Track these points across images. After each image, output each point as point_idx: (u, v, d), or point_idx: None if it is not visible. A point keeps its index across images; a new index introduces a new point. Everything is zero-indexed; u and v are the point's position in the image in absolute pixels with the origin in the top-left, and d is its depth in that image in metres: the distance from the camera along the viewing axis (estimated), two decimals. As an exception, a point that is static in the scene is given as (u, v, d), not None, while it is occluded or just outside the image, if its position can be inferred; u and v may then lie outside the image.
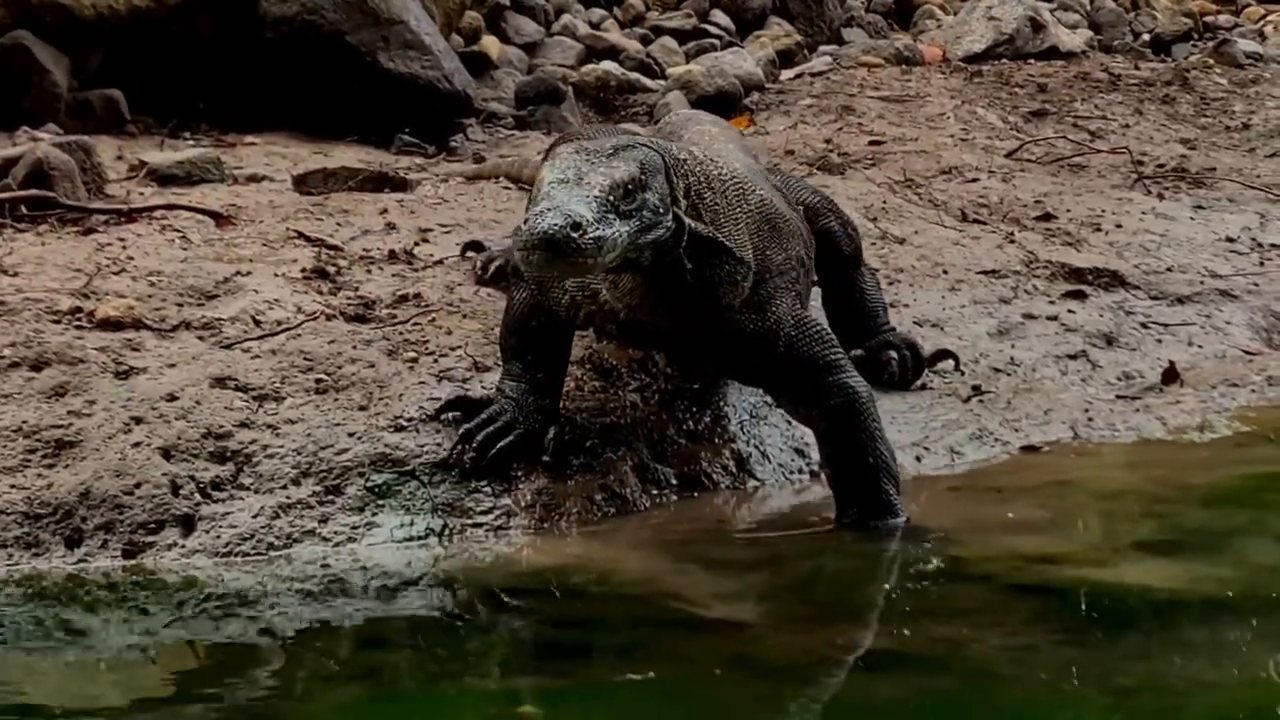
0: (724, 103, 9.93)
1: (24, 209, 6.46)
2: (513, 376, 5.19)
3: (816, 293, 5.90)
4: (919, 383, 6.04)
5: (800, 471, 5.56)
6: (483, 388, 5.33)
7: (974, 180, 8.46)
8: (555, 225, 4.17)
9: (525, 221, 4.27)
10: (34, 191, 6.50)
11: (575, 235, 4.18)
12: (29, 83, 8.19)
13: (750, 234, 4.94)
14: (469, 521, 4.94)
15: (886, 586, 4.75)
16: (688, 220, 4.61)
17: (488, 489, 5.01)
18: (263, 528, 4.78)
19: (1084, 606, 4.48)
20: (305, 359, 5.34)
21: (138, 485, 4.76)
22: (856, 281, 6.03)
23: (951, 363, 6.18)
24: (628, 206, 4.37)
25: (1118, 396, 6.39)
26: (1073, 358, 6.59)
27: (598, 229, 4.24)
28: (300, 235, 6.47)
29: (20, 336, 5.22)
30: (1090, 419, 6.15)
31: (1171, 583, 4.60)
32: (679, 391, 5.55)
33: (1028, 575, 4.65)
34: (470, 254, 6.28)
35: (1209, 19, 14.04)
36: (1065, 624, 4.37)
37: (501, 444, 5.04)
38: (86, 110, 8.42)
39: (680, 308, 4.81)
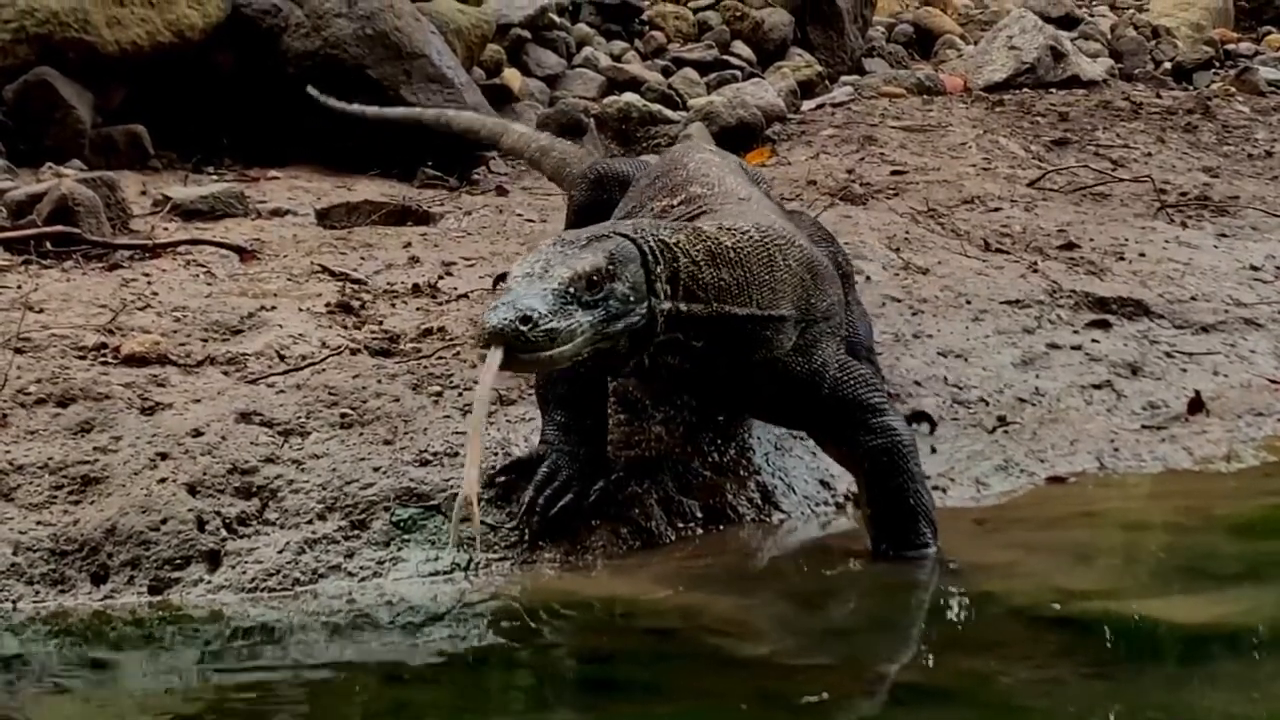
0: (745, 133, 9.94)
1: (49, 245, 6.48)
2: (559, 427, 5.18)
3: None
4: None
5: (825, 504, 5.55)
6: (507, 421, 5.34)
7: (997, 210, 8.44)
8: (505, 319, 4.23)
9: (481, 314, 4.39)
10: (59, 228, 6.52)
11: (525, 329, 4.24)
12: (53, 119, 8.22)
13: (793, 286, 4.98)
14: (495, 556, 4.93)
15: (913, 619, 4.73)
16: (666, 304, 4.63)
17: (514, 523, 5.00)
18: (288, 563, 4.78)
19: (1112, 639, 4.47)
20: (330, 394, 5.34)
21: (163, 521, 4.76)
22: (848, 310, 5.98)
23: (927, 426, 6.04)
24: (592, 297, 4.41)
25: (1143, 426, 6.37)
26: (1097, 387, 6.56)
27: (551, 321, 4.28)
28: (324, 269, 6.49)
29: (46, 373, 5.24)
30: (1116, 449, 6.13)
31: (1200, 615, 4.58)
32: (704, 424, 5.54)
33: (1055, 607, 4.64)
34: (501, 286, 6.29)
35: (1230, 47, 14.04)
36: (1093, 657, 4.35)
37: (562, 503, 5.03)
38: (110, 146, 8.45)
39: (728, 371, 4.91)
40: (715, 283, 4.79)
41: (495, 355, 4.24)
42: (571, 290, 4.36)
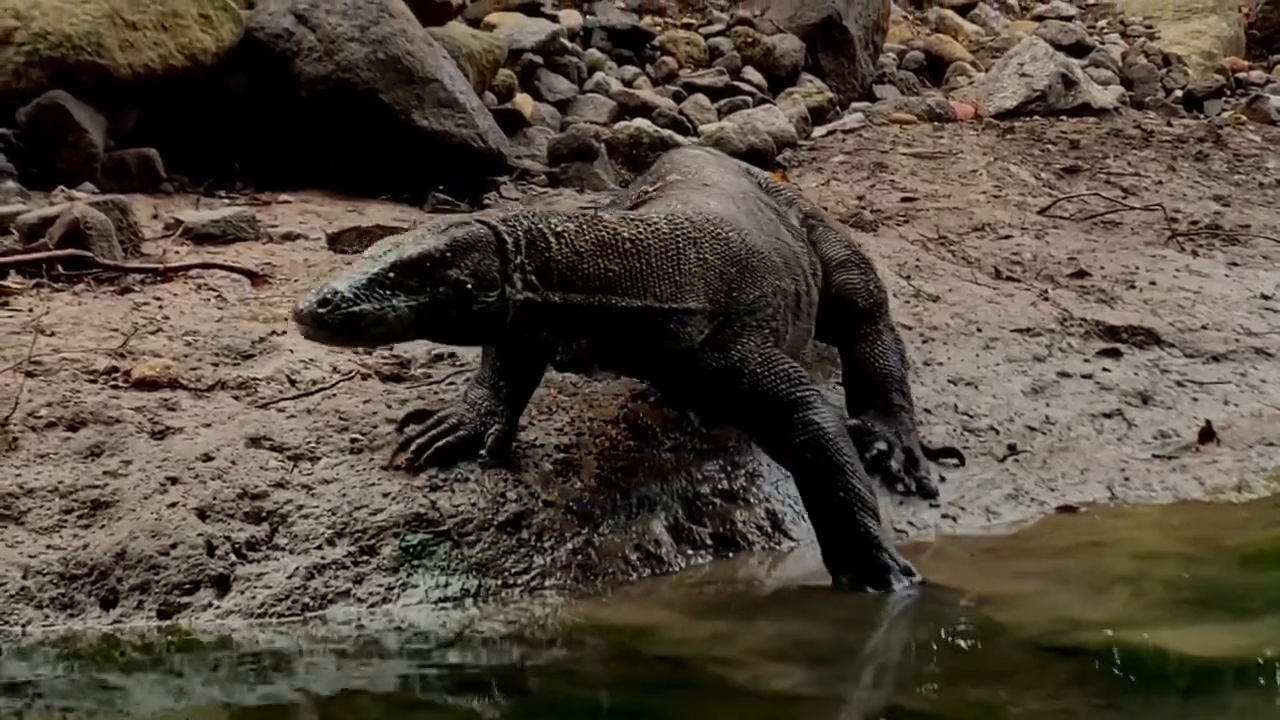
0: (757, 160, 9.91)
1: (61, 268, 6.48)
2: (480, 382, 5.34)
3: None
4: (911, 486, 5.84)
5: (835, 531, 5.54)
6: (517, 446, 5.33)
7: (1007, 237, 8.44)
8: (308, 302, 4.48)
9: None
10: (71, 251, 6.52)
11: (323, 311, 4.47)
12: (65, 142, 8.21)
13: (707, 279, 5.01)
14: (504, 582, 4.93)
15: (923, 649, 4.72)
16: (522, 295, 4.70)
17: (523, 550, 5.00)
18: (298, 588, 4.77)
19: (1122, 669, 4.45)
20: (340, 419, 5.35)
21: (173, 546, 4.77)
22: (869, 337, 5.98)
23: (955, 460, 6.05)
24: (419, 282, 4.55)
25: (1154, 456, 6.36)
26: (1108, 416, 6.56)
27: (353, 306, 4.47)
28: (335, 295, 6.48)
29: (57, 396, 5.24)
30: (1127, 479, 6.13)
31: (1211, 645, 4.57)
32: (714, 451, 5.55)
33: (1065, 637, 4.63)
34: None
35: (1241, 75, 14.04)
36: (1103, 687, 4.34)
37: (440, 443, 5.15)
38: (122, 169, 8.45)
39: (629, 361, 5.07)
40: (601, 273, 4.85)
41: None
42: (393, 275, 4.53)
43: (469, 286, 4.62)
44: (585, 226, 4.87)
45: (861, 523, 5.04)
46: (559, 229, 4.81)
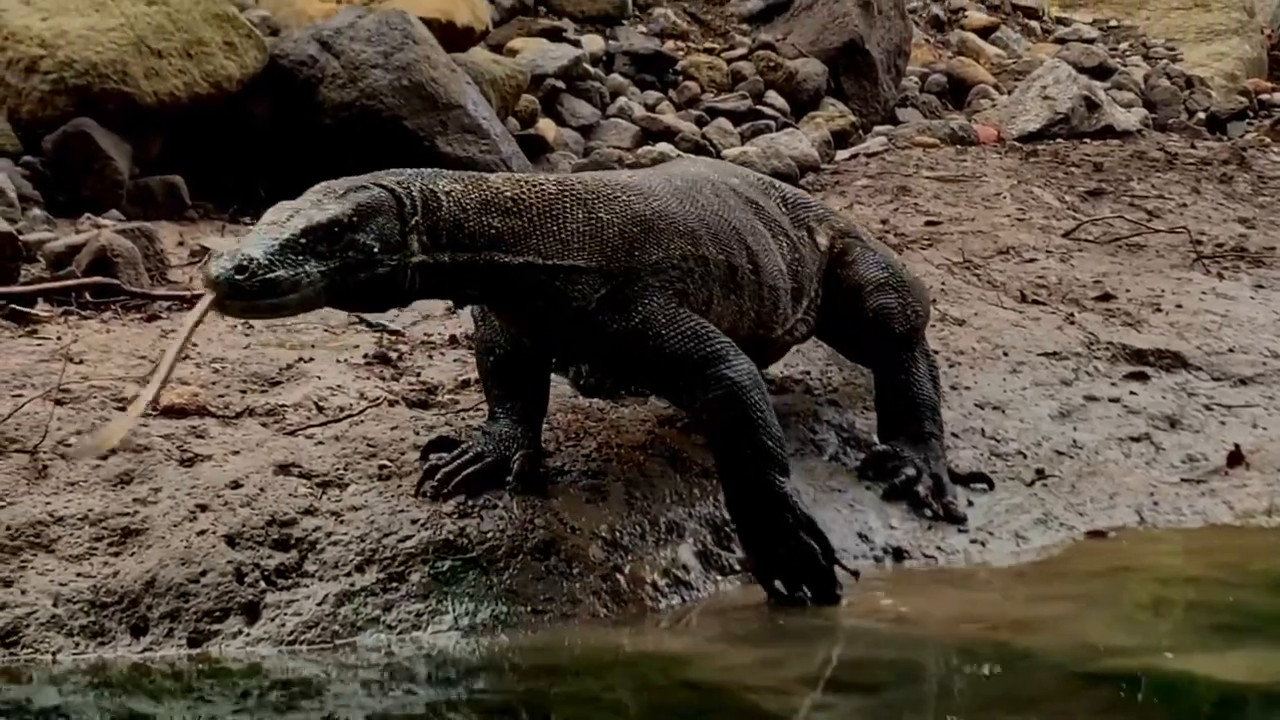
0: (780, 183, 9.94)
1: (89, 296, 6.51)
2: (491, 415, 5.34)
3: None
4: (939, 511, 5.82)
5: (863, 556, 5.54)
6: (544, 472, 5.33)
7: (1032, 260, 8.42)
8: (223, 269, 4.42)
9: (209, 261, 4.55)
10: (98, 279, 6.55)
11: (240, 278, 4.41)
12: (91, 169, 8.25)
13: (599, 239, 5.00)
14: (533, 609, 4.92)
15: (952, 676, 4.71)
16: (418, 258, 4.72)
17: (552, 576, 5.00)
18: (327, 615, 4.77)
19: (1152, 696, 4.44)
20: (368, 445, 5.35)
21: (203, 573, 4.77)
22: (904, 364, 5.94)
23: (984, 485, 6.02)
24: (329, 248, 4.54)
25: (1183, 480, 6.35)
26: (1136, 440, 6.54)
27: (269, 273, 4.43)
28: (361, 320, 6.50)
29: (86, 425, 5.25)
30: (1156, 503, 6.11)
31: (1239, 671, 4.56)
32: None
33: (1096, 664, 4.61)
34: None
35: (1264, 96, 14.03)
36: (1134, 714, 4.34)
37: (466, 471, 5.13)
38: (148, 196, 8.48)
39: (529, 318, 5.06)
40: (484, 231, 4.86)
41: (207, 299, 4.46)
42: (304, 241, 4.51)
43: (375, 250, 4.62)
44: (470, 185, 4.90)
45: (771, 479, 5.07)
46: (447, 189, 4.83)
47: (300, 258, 4.48)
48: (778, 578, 5.14)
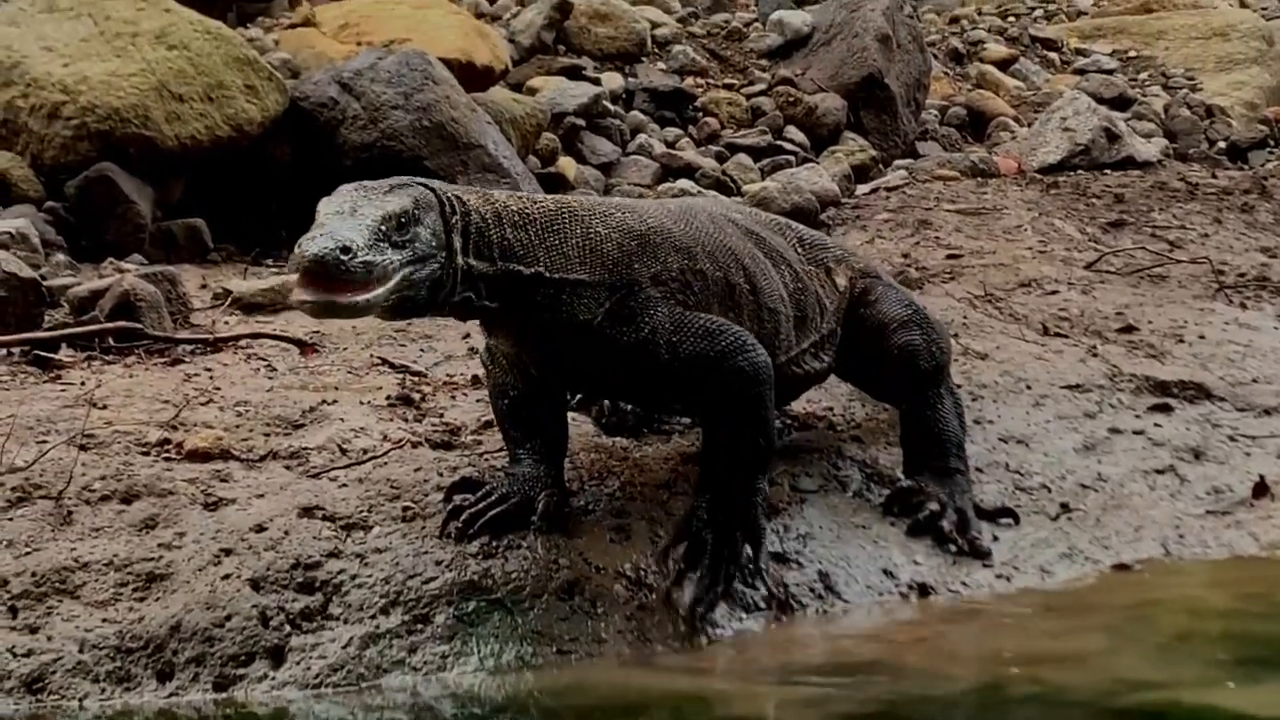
0: (801, 218, 9.86)
1: (112, 341, 6.53)
2: (513, 458, 5.36)
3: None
4: (964, 546, 5.79)
5: (889, 593, 5.52)
6: (568, 512, 5.33)
7: (1054, 293, 8.41)
8: (326, 248, 4.37)
9: (298, 246, 4.44)
10: (122, 323, 6.57)
11: (345, 258, 4.38)
12: (114, 214, 8.29)
13: (599, 253, 5.05)
14: (558, 649, 4.92)
15: (984, 711, 4.69)
16: (459, 259, 4.76)
17: (577, 616, 4.99)
18: (352, 658, 4.77)
19: (1184, 730, 4.43)
20: (392, 487, 5.35)
21: (228, 617, 4.77)
22: (930, 402, 5.95)
23: (1011, 520, 5.99)
24: (400, 238, 4.55)
25: (1208, 512, 6.32)
26: (1160, 472, 6.51)
27: (368, 254, 4.41)
28: (384, 362, 6.52)
29: (110, 470, 5.27)
30: (1181, 535, 6.09)
31: (1267, 706, 4.54)
32: (768, 513, 5.52)
33: (1124, 698, 4.60)
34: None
35: (1284, 125, 14.00)
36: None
37: (490, 514, 5.12)
38: (170, 240, 8.51)
39: (541, 334, 5.03)
40: (500, 241, 4.90)
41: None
42: (383, 228, 4.50)
43: (432, 245, 4.65)
44: (482, 199, 4.95)
45: (754, 481, 5.23)
46: (464, 197, 4.89)
47: (383, 244, 4.49)
48: (696, 568, 5.20)
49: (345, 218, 4.49)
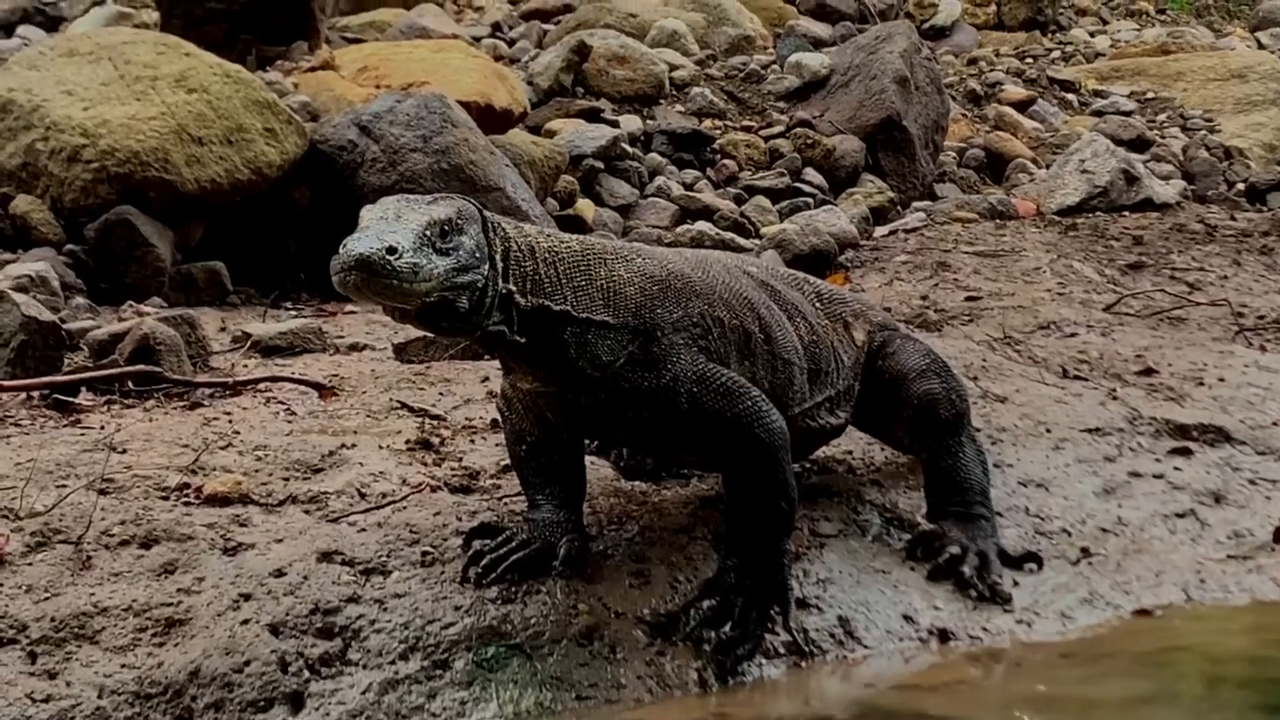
0: (819, 260, 9.96)
1: (131, 384, 6.53)
2: (532, 504, 5.37)
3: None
4: (984, 591, 5.75)
5: (909, 638, 5.50)
6: (585, 557, 5.32)
7: (1073, 335, 8.40)
8: (372, 247, 4.42)
9: (342, 247, 4.47)
10: (141, 367, 6.57)
11: (390, 258, 4.41)
12: (134, 257, 8.32)
13: (622, 296, 5.07)
14: (577, 695, 4.91)
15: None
16: (500, 282, 4.79)
17: (596, 662, 4.98)
18: (371, 704, 4.76)
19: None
20: (411, 532, 5.35)
21: (247, 663, 4.76)
22: (951, 450, 5.94)
23: (1035, 565, 5.95)
24: (444, 245, 4.58)
25: (1229, 556, 6.30)
26: (1181, 516, 6.49)
27: (413, 255, 4.45)
28: (403, 405, 6.52)
29: (130, 514, 5.26)
30: (1202, 580, 6.07)
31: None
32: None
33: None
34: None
35: (1303, 167, 13.99)
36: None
37: (511, 559, 5.13)
38: (189, 282, 8.54)
39: (564, 374, 5.00)
40: (533, 275, 4.92)
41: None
42: (427, 234, 4.53)
43: (475, 255, 4.67)
44: (515, 229, 4.98)
45: (778, 543, 5.22)
46: (503, 224, 4.92)
47: (428, 249, 4.52)
48: (723, 626, 5.17)
49: (390, 222, 4.54)
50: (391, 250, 4.41)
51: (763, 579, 5.18)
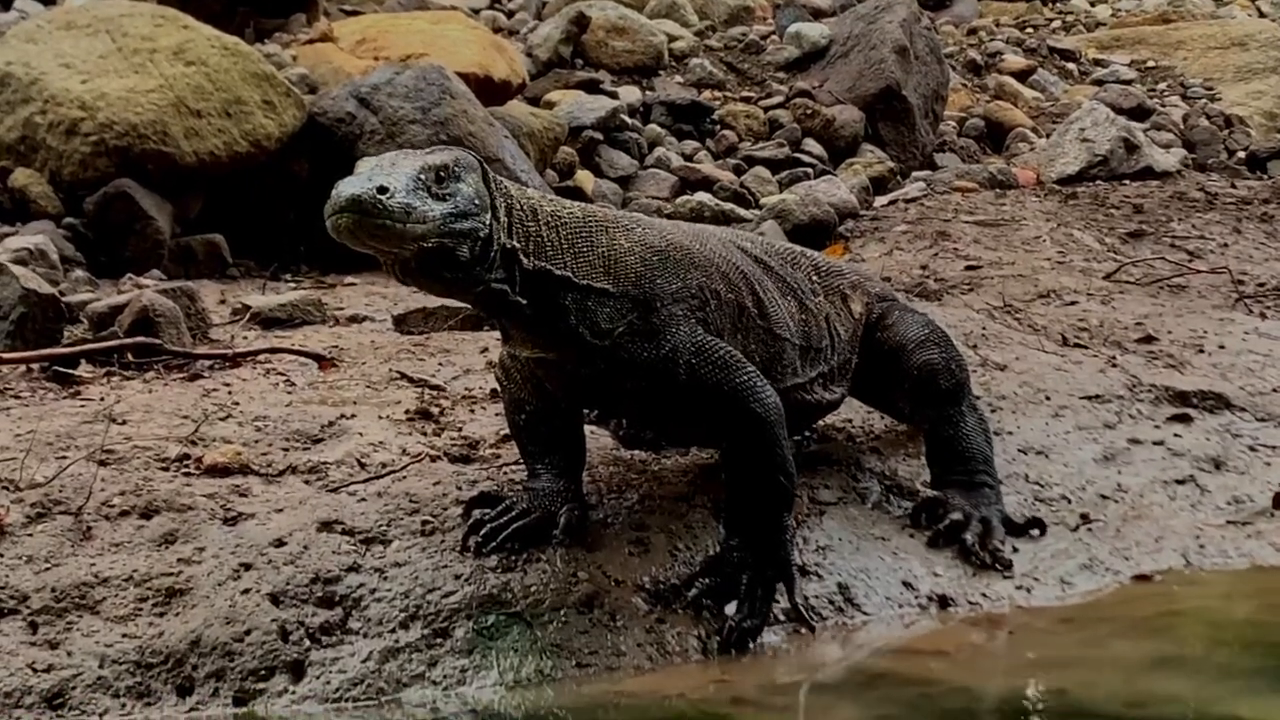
0: (819, 231, 9.95)
1: (131, 356, 6.53)
2: (531, 473, 5.38)
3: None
4: (986, 558, 5.74)
5: (908, 604, 5.50)
6: (585, 526, 5.33)
7: (1073, 303, 8.40)
8: (364, 188, 4.41)
9: (334, 190, 4.48)
10: (140, 339, 6.58)
11: (382, 197, 4.41)
12: (133, 230, 8.32)
13: (623, 265, 5.08)
14: (578, 663, 4.92)
15: (1002, 722, 4.69)
16: (502, 236, 4.77)
17: (596, 630, 4.99)
18: (372, 672, 4.77)
19: (1203, 741, 4.42)
20: (411, 501, 5.35)
21: (247, 632, 4.77)
22: (953, 419, 5.95)
23: (1038, 531, 5.95)
24: (440, 190, 4.57)
25: (1228, 522, 6.30)
26: (1180, 482, 6.50)
27: (406, 196, 4.45)
28: (402, 376, 6.52)
29: (130, 485, 5.27)
30: (1202, 546, 6.07)
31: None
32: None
33: (1144, 710, 4.59)
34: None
35: (1304, 134, 13.98)
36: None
37: (511, 528, 5.13)
38: (189, 255, 8.54)
39: (563, 342, 5.00)
40: (536, 236, 4.93)
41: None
42: (422, 178, 4.53)
43: (475, 204, 4.66)
44: (520, 192, 4.98)
45: (779, 516, 5.19)
46: (506, 183, 4.93)
47: (423, 193, 4.51)
48: (727, 604, 5.17)
49: (383, 168, 4.54)
50: (383, 190, 4.41)
51: (765, 555, 5.18)
